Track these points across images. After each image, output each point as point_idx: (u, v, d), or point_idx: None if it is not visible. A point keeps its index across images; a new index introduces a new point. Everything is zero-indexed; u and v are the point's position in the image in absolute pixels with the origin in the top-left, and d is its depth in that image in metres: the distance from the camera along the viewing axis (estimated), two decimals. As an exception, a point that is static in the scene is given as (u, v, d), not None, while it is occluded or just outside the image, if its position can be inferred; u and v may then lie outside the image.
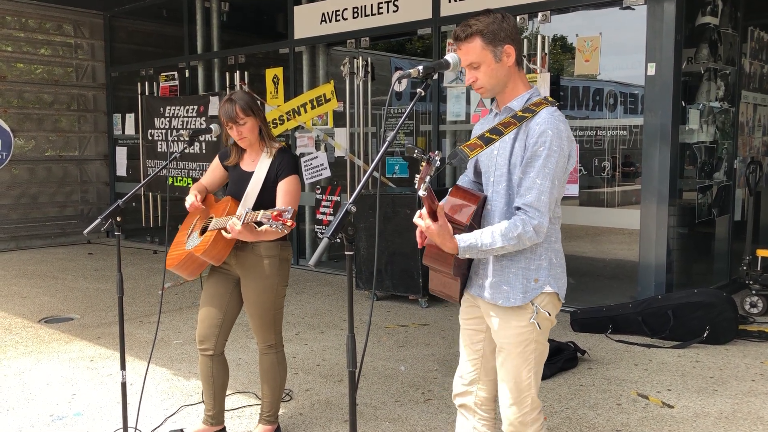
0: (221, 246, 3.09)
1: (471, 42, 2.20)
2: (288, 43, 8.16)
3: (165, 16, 10.11)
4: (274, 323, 3.29)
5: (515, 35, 2.22)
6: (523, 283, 2.25)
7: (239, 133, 3.15)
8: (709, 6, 6.09)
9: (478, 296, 2.36)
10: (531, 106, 2.22)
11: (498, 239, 2.13)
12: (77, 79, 10.80)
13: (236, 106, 3.11)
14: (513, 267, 2.26)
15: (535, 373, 2.33)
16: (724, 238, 6.80)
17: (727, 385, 4.15)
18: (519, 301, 2.25)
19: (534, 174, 2.14)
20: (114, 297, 6.68)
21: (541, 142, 2.13)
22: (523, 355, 2.29)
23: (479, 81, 2.25)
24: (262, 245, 3.18)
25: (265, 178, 3.17)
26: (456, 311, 6.00)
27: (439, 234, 2.09)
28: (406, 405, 3.90)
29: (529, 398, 2.33)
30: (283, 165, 3.17)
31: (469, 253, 2.15)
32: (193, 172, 9.24)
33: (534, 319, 2.26)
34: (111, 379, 4.34)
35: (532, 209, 2.14)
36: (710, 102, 6.25)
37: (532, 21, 6.27)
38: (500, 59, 2.21)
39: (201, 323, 3.32)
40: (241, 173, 3.26)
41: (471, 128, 6.62)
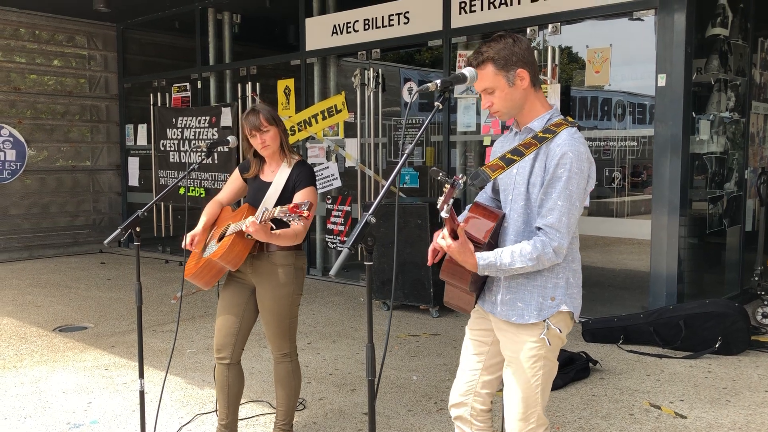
0: (239, 249, 3.11)
1: (483, 69, 2.25)
2: (299, 54, 8.23)
3: (177, 27, 10.23)
4: (288, 332, 3.32)
5: (528, 58, 2.26)
6: (538, 301, 2.27)
7: (263, 141, 3.22)
8: (719, 17, 6.12)
9: (490, 312, 2.38)
10: (551, 126, 2.25)
11: (517, 259, 2.16)
12: (90, 90, 10.93)
13: (260, 115, 3.20)
14: (529, 285, 2.28)
15: (542, 390, 2.33)
16: (735, 248, 6.80)
17: (740, 396, 4.15)
18: (533, 318, 2.27)
19: (555, 195, 2.17)
20: (127, 306, 6.74)
21: (561, 164, 2.17)
22: (531, 370, 2.30)
23: (495, 105, 2.30)
24: (278, 254, 3.23)
25: (283, 187, 3.23)
26: (466, 321, 6.01)
27: (460, 252, 2.12)
28: (419, 414, 3.92)
29: (534, 415, 2.33)
30: (301, 176, 3.23)
31: (488, 271, 2.18)
32: (206, 182, 9.31)
33: (544, 334, 2.28)
34: (126, 388, 4.39)
35: (553, 230, 2.17)
36: (721, 112, 6.26)
37: (543, 32, 6.32)
38: (513, 83, 2.25)
39: (218, 332, 3.36)
40: (261, 183, 3.32)
41: (481, 139, 6.72)
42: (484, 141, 6.69)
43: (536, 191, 2.23)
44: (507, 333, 2.34)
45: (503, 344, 2.37)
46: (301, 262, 3.33)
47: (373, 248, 1.96)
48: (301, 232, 3.16)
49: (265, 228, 2.96)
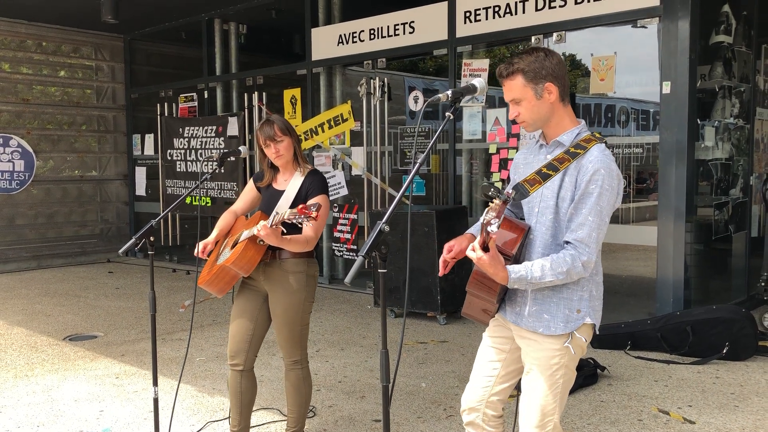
0: (251, 255, 3.15)
1: (513, 79, 2.29)
2: (306, 64, 8.30)
3: (184, 38, 10.31)
4: (300, 339, 3.36)
5: (558, 72, 2.30)
6: (565, 314, 2.31)
7: (277, 151, 3.28)
8: (722, 25, 6.17)
9: (515, 324, 2.40)
10: (581, 142, 2.29)
11: (548, 273, 2.19)
12: (98, 100, 11.02)
13: (275, 126, 3.26)
14: (555, 297, 2.32)
15: (560, 399, 2.36)
16: (741, 254, 6.81)
17: (748, 402, 4.17)
18: (560, 330, 2.31)
19: (586, 211, 2.21)
20: (135, 315, 6.78)
21: (593, 180, 2.21)
22: (551, 379, 2.33)
23: (521, 116, 2.34)
24: (289, 261, 3.27)
25: (296, 196, 3.29)
26: (475, 329, 6.05)
27: (492, 265, 2.14)
28: (429, 421, 3.94)
29: (551, 423, 2.36)
30: (313, 185, 3.29)
31: (518, 284, 2.21)
32: (212, 191, 9.37)
33: (569, 343, 2.31)
34: (137, 396, 4.42)
35: (583, 245, 2.21)
36: (725, 119, 6.30)
37: (547, 41, 6.37)
38: (541, 96, 2.29)
39: (232, 339, 3.41)
40: (274, 192, 3.38)
41: (487, 147, 6.75)
42: (489, 149, 6.73)
43: (566, 205, 2.27)
44: (530, 341, 2.36)
45: (525, 351, 2.39)
46: (313, 269, 3.36)
47: (387, 256, 2.00)
48: (312, 239, 3.21)
49: (276, 232, 2.99)
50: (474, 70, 6.77)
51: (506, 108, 6.79)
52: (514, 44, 6.95)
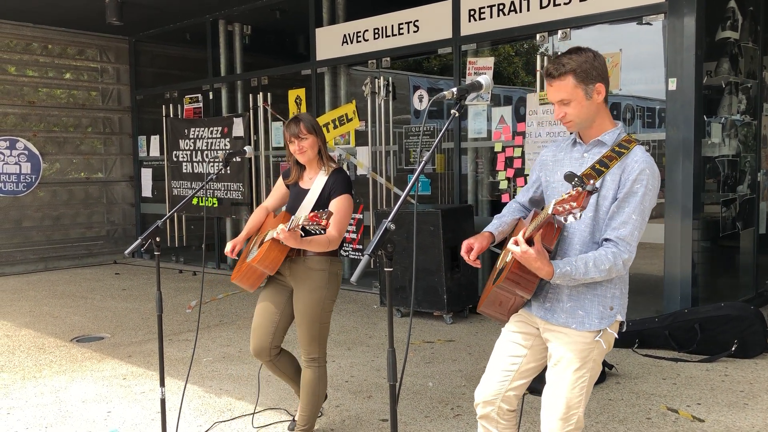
0: (274, 255, 3.24)
1: (563, 80, 2.28)
2: (310, 64, 8.30)
3: (189, 40, 10.33)
4: (318, 337, 3.41)
5: (605, 73, 2.31)
6: (599, 310, 2.33)
7: (300, 147, 3.36)
8: (728, 20, 6.13)
9: (543, 319, 2.40)
10: (623, 142, 2.32)
11: (591, 270, 2.20)
12: (103, 102, 11.05)
13: (301, 123, 3.36)
14: (589, 294, 2.33)
15: (586, 393, 2.37)
16: (749, 251, 6.78)
17: (757, 399, 4.14)
18: (594, 326, 2.32)
19: (630, 209, 2.23)
20: (142, 316, 6.79)
21: (639, 180, 2.23)
22: (579, 371, 2.34)
23: (568, 116, 2.33)
24: (313, 259, 3.34)
25: (319, 195, 3.37)
26: (482, 328, 6.04)
27: (538, 259, 2.14)
28: (436, 420, 3.93)
29: (575, 416, 2.36)
30: (336, 184, 3.36)
31: (561, 280, 2.22)
32: (218, 192, 9.38)
33: (600, 337, 2.33)
34: (144, 397, 4.43)
35: (625, 243, 2.23)
36: (732, 115, 6.26)
37: (552, 38, 6.35)
38: (591, 96, 2.29)
39: (253, 334, 3.52)
40: (299, 190, 3.48)
41: (492, 145, 6.73)
42: (495, 147, 6.71)
43: (607, 204, 2.28)
44: (561, 334, 2.37)
45: (555, 344, 2.39)
46: (336, 268, 3.41)
47: (393, 255, 1.99)
48: (335, 238, 3.26)
49: (294, 235, 3.06)
50: (479, 69, 6.75)
51: (511, 106, 6.79)
52: (519, 42, 6.93)
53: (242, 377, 4.80)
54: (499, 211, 2.63)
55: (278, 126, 8.78)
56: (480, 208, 7.17)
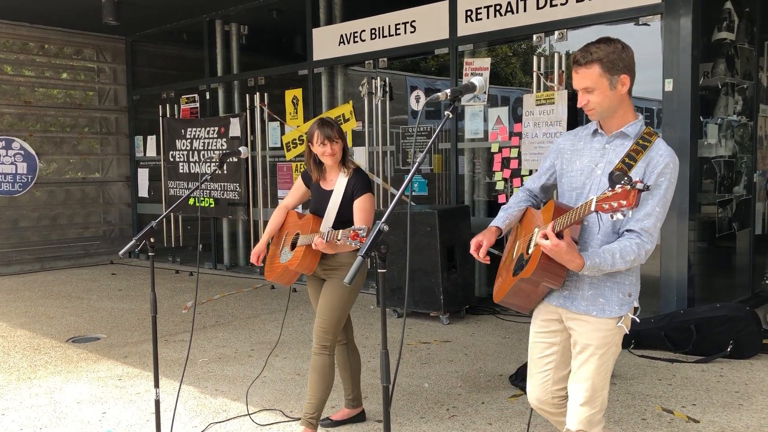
0: (309, 259, 3.52)
1: (590, 68, 2.31)
2: (307, 64, 8.29)
3: (185, 39, 10.31)
4: (335, 325, 3.56)
5: (632, 66, 2.34)
6: (619, 297, 2.40)
7: (333, 151, 3.54)
8: (725, 21, 6.14)
9: (563, 307, 2.48)
10: (645, 135, 2.37)
11: (618, 261, 2.26)
12: (100, 102, 11.03)
13: (334, 128, 3.56)
14: (609, 282, 2.40)
15: (608, 374, 2.47)
16: (745, 252, 6.79)
17: (752, 400, 4.14)
18: (615, 313, 2.40)
19: (654, 202, 2.29)
20: (138, 317, 6.78)
21: (664, 173, 2.30)
22: (604, 357, 2.42)
23: (591, 104, 2.36)
24: (343, 254, 3.55)
25: (343, 195, 3.56)
26: (478, 328, 6.04)
27: (568, 252, 2.20)
28: (432, 422, 3.93)
29: (600, 398, 2.45)
30: (358, 185, 3.56)
31: (589, 271, 2.27)
32: (215, 192, 9.37)
33: (621, 323, 2.41)
34: (140, 398, 4.42)
35: (648, 234, 2.28)
36: (728, 116, 6.27)
37: (549, 39, 6.35)
38: (615, 87, 2.33)
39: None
40: (322, 192, 3.67)
41: (489, 146, 6.74)
42: (491, 148, 6.71)
43: None
44: (583, 322, 2.44)
45: (579, 332, 2.46)
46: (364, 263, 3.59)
47: (386, 256, 1.99)
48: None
49: (331, 245, 3.26)
50: (476, 69, 6.75)
51: (507, 107, 6.79)
52: (516, 43, 6.93)
53: (238, 378, 4.79)
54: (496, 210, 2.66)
55: (275, 126, 8.78)
56: (477, 208, 7.16)
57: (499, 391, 4.40)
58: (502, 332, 5.91)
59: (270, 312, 6.90)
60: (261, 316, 6.73)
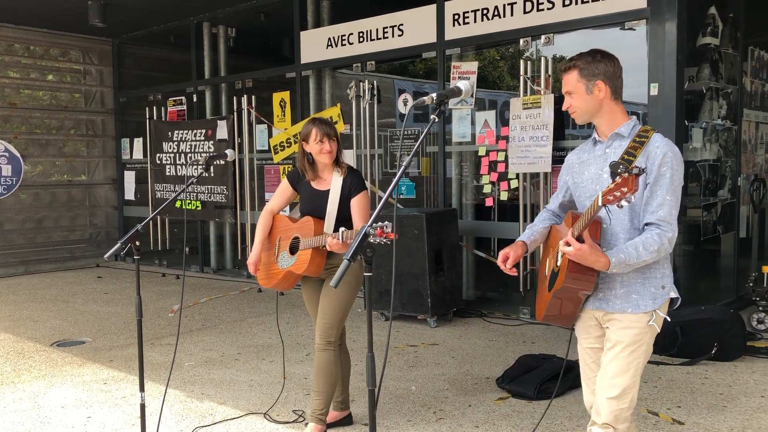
0: (318, 261, 3.54)
1: (569, 74, 2.54)
2: (295, 67, 8.29)
3: (173, 42, 10.28)
4: (339, 322, 3.61)
5: (609, 74, 2.51)
6: (651, 291, 2.47)
7: (331, 148, 3.56)
8: (709, 27, 6.20)
9: (600, 309, 2.53)
10: (641, 132, 2.49)
11: (642, 253, 2.34)
12: (86, 104, 10.96)
13: (332, 128, 3.59)
14: (640, 277, 2.47)
15: (639, 373, 2.52)
16: (729, 255, 6.84)
17: (736, 402, 4.18)
18: (649, 307, 2.46)
19: (663, 192, 2.37)
20: (124, 320, 6.74)
21: (664, 163, 2.39)
22: (635, 353, 2.48)
23: (572, 106, 2.57)
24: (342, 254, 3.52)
25: (341, 194, 3.58)
26: (465, 331, 6.05)
27: (592, 253, 2.29)
28: (418, 424, 3.93)
29: (629, 395, 2.50)
30: (354, 183, 3.59)
31: (618, 269, 2.34)
32: (202, 195, 9.33)
33: (653, 321, 2.46)
34: (125, 402, 4.39)
35: (665, 223, 2.37)
36: (713, 120, 6.33)
37: (536, 43, 6.38)
38: (591, 92, 2.51)
39: (314, 320, 3.76)
40: (316, 192, 3.66)
41: (476, 149, 6.76)
42: (479, 151, 6.74)
43: (640, 191, 2.41)
44: (616, 320, 2.50)
45: (610, 330, 2.52)
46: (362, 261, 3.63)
47: (372, 259, 1.99)
48: None
49: (346, 245, 3.28)
50: (463, 73, 6.77)
51: (495, 111, 6.82)
52: (504, 47, 6.96)
53: (224, 382, 4.77)
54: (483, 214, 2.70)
55: (262, 129, 8.76)
56: (464, 211, 7.18)
57: (486, 394, 4.41)
58: (489, 335, 5.92)
59: (257, 315, 6.88)
60: (248, 320, 6.71)
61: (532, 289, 6.47)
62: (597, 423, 2.53)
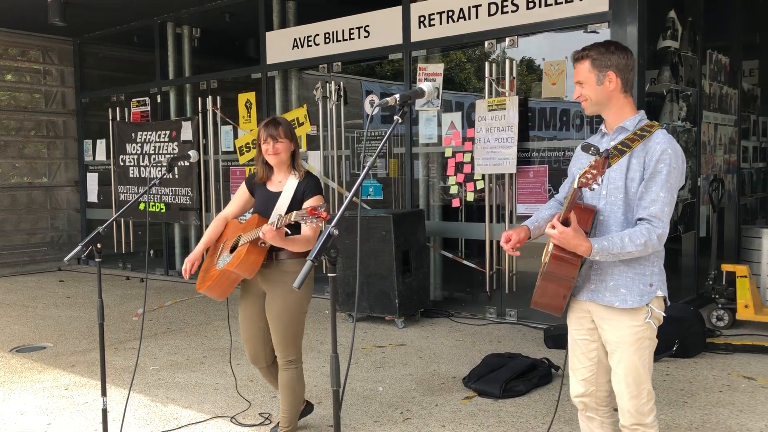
0: (253, 258, 3.26)
1: (582, 63, 2.55)
2: (260, 68, 8.23)
3: (136, 42, 10.13)
4: (294, 339, 3.46)
5: (621, 66, 2.51)
6: (639, 287, 2.49)
7: (275, 150, 3.40)
8: (669, 30, 6.32)
9: (590, 300, 2.56)
10: (645, 127, 2.50)
11: (627, 244, 2.36)
12: (47, 105, 10.74)
13: (280, 127, 3.42)
14: (630, 272, 2.49)
15: (649, 367, 2.55)
16: (690, 254, 6.98)
17: (696, 397, 4.27)
18: (636, 303, 2.48)
19: (657, 188, 2.39)
20: (87, 324, 6.62)
21: (662, 160, 2.40)
22: (638, 351, 2.51)
23: (583, 95, 2.58)
24: (287, 262, 3.37)
25: (293, 197, 3.41)
26: (433, 331, 6.07)
27: (575, 236, 2.31)
28: (385, 425, 3.93)
29: (645, 390, 2.54)
30: (309, 186, 3.43)
31: (600, 255, 2.36)
32: (166, 197, 9.21)
33: (650, 318, 2.50)
34: (87, 407, 4.31)
35: (657, 219, 2.39)
36: (673, 122, 6.45)
37: (501, 45, 6.44)
38: (602, 83, 2.52)
39: (247, 343, 3.57)
40: (269, 194, 3.49)
41: (443, 150, 6.79)
42: (445, 152, 6.77)
43: (635, 185, 2.45)
44: (609, 320, 2.53)
45: (607, 331, 2.55)
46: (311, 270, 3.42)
47: (337, 260, 1.99)
48: (312, 238, 3.29)
49: (280, 233, 3.11)
50: (429, 75, 6.80)
51: (461, 112, 6.86)
52: (469, 49, 7.01)
53: (189, 385, 4.72)
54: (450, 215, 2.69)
55: (228, 130, 8.69)
56: (431, 212, 7.21)
57: (453, 393, 4.44)
58: (456, 335, 5.95)
59: (223, 318, 6.81)
60: (214, 323, 6.64)
61: (498, 289, 6.52)
62: (626, 426, 2.58)
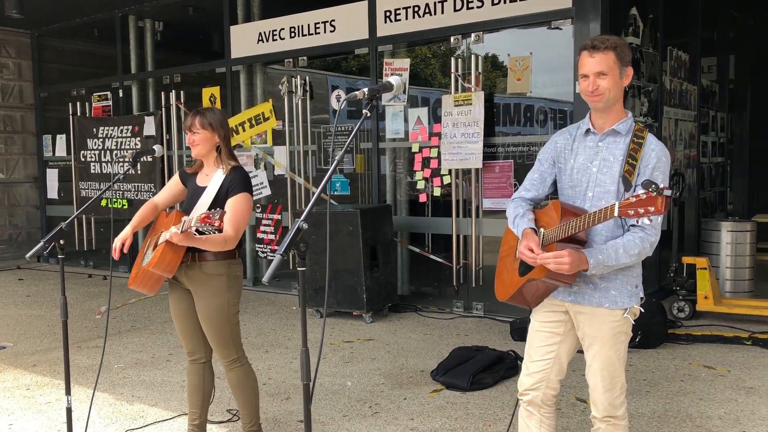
0: (170, 257, 3.09)
1: (607, 54, 2.41)
2: (225, 62, 8.15)
3: (97, 35, 9.93)
4: (231, 339, 3.29)
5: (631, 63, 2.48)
6: (628, 289, 2.51)
7: (192, 141, 3.24)
8: (631, 27, 6.43)
9: (574, 302, 2.55)
10: (637, 132, 2.47)
11: (622, 256, 2.36)
12: (3, 99, 10.46)
13: (198, 117, 3.21)
14: (620, 274, 2.50)
15: (623, 360, 2.59)
16: (651, 246, 7.11)
17: (658, 387, 4.37)
18: (626, 303, 2.50)
19: None
20: (48, 323, 6.49)
21: (658, 167, 2.40)
22: (615, 346, 2.54)
23: (601, 88, 2.42)
24: (210, 264, 3.21)
25: (217, 192, 3.21)
26: (401, 326, 6.10)
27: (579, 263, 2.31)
28: (354, 419, 3.94)
29: (619, 383, 2.59)
30: (234, 182, 3.20)
31: (596, 270, 2.36)
32: (129, 193, 9.06)
33: (628, 314, 2.52)
34: (50, 407, 4.23)
35: (650, 227, 2.37)
36: (636, 117, 6.56)
37: (466, 41, 6.48)
38: (622, 77, 2.46)
39: (183, 336, 3.41)
40: (196, 188, 3.32)
41: (410, 146, 6.81)
42: (412, 148, 6.79)
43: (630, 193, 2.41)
44: (590, 316, 2.53)
45: (585, 326, 2.55)
46: (235, 270, 3.29)
47: (306, 254, 1.98)
48: (231, 238, 3.13)
49: (187, 236, 2.95)
50: (395, 70, 6.81)
51: (427, 108, 6.88)
52: (435, 44, 7.03)
53: (155, 383, 4.66)
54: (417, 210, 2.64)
55: (193, 125, 8.56)
56: (399, 207, 7.23)
57: (421, 387, 4.46)
58: (423, 329, 5.98)
59: (189, 315, 6.73)
60: (180, 320, 6.55)
61: (465, 283, 6.57)
62: (597, 417, 2.61)
